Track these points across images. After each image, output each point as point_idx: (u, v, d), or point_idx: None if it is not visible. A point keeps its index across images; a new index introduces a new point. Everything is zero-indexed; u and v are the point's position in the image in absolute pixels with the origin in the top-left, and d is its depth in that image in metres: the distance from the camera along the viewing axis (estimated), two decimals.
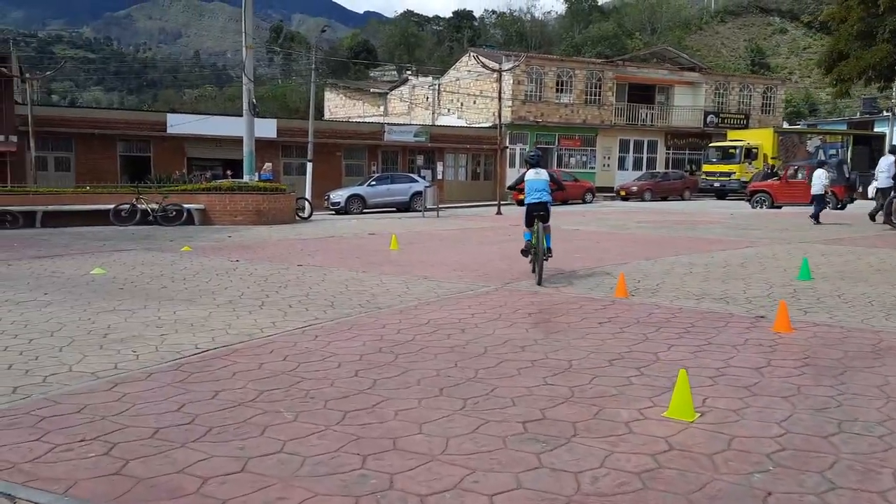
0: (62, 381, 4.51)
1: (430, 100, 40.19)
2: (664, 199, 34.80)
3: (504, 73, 34.09)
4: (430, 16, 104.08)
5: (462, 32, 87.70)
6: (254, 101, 19.81)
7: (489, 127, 35.21)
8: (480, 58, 29.74)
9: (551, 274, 9.05)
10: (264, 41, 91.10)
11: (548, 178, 8.75)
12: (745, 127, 39.36)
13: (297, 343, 5.49)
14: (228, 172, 26.56)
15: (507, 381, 4.51)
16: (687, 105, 39.95)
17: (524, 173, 8.89)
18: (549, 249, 8.65)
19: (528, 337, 5.69)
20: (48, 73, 31.00)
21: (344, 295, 7.69)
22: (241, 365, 4.87)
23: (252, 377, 4.58)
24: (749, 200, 27.04)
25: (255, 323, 6.24)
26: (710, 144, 37.17)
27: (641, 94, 39.46)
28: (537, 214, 8.57)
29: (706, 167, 36.41)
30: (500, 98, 25.25)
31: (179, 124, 27.85)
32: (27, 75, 24.47)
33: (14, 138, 24.24)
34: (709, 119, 40.09)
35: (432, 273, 9.37)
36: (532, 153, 9.32)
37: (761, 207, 25.75)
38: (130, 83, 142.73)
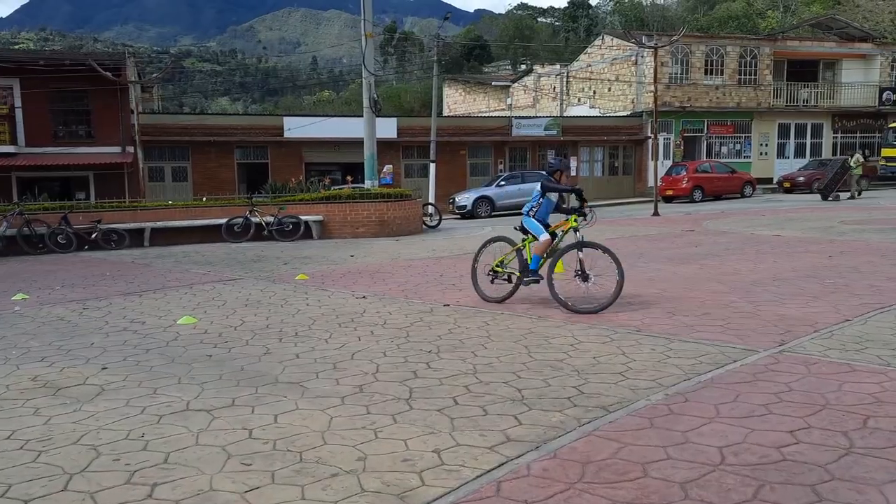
0: None
1: (559, 89, 36.94)
2: None
3: (644, 57, 30.43)
4: (545, 7, 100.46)
5: (578, 22, 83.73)
6: (375, 96, 17.54)
7: (628, 115, 31.62)
8: (632, 33, 26.28)
9: (833, 325, 5.90)
10: (378, 44, 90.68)
11: (536, 191, 7.44)
12: None
13: None
14: (348, 178, 24.65)
15: None
16: (857, 81, 34.49)
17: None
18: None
19: None
20: (154, 75, 30.25)
21: (531, 369, 4.92)
22: None
23: None
24: None
25: (405, 452, 3.56)
26: (891, 125, 31.77)
27: (802, 71, 34.40)
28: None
29: (886, 151, 31.13)
30: (655, 78, 21.88)
31: (297, 128, 26.27)
32: (133, 79, 23.43)
33: (130, 149, 23.34)
34: (885, 96, 34.45)
35: (640, 317, 6.43)
36: (554, 159, 7.98)
37: None
38: (254, 92, 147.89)
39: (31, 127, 23.62)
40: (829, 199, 24.14)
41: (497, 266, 7.52)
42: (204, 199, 19.48)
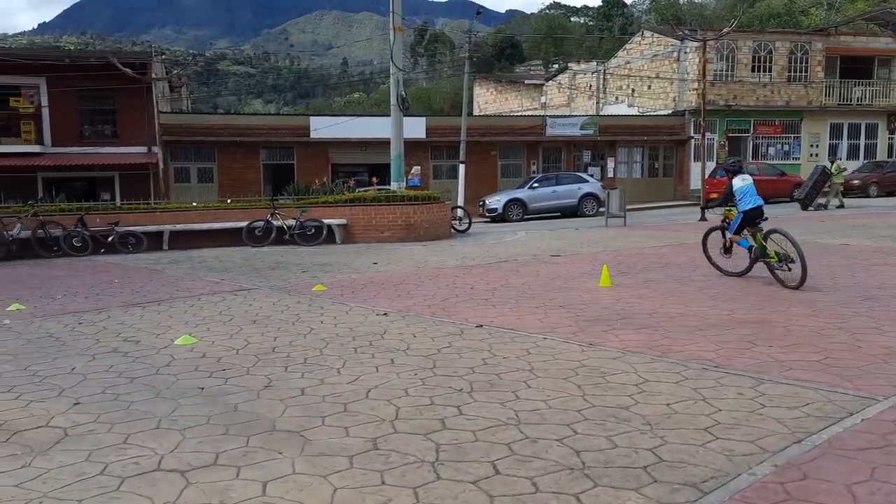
0: None
1: (595, 87, 35.70)
2: (890, 193, 28.30)
3: (687, 53, 29.15)
4: (578, 6, 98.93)
5: (612, 21, 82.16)
6: (403, 93, 16.64)
7: (669, 114, 30.31)
8: (682, 29, 25.00)
9: None
10: (409, 45, 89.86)
11: (752, 183, 8.57)
12: None
13: None
14: (374, 179, 23.83)
15: None
16: None
17: (729, 186, 8.61)
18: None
19: None
20: (175, 71, 29.69)
21: (590, 420, 3.92)
22: None
23: None
24: None
25: None
26: None
27: (856, 68, 32.64)
28: (760, 220, 8.35)
29: None
30: (703, 74, 20.85)
31: (323, 128, 25.52)
32: (154, 74, 22.83)
33: (156, 149, 22.80)
34: None
35: (713, 348, 5.38)
36: (732, 161, 9.14)
37: None
38: (286, 95, 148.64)
39: (57, 126, 23.24)
40: (811, 208, 21.37)
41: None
42: (229, 200, 18.80)
